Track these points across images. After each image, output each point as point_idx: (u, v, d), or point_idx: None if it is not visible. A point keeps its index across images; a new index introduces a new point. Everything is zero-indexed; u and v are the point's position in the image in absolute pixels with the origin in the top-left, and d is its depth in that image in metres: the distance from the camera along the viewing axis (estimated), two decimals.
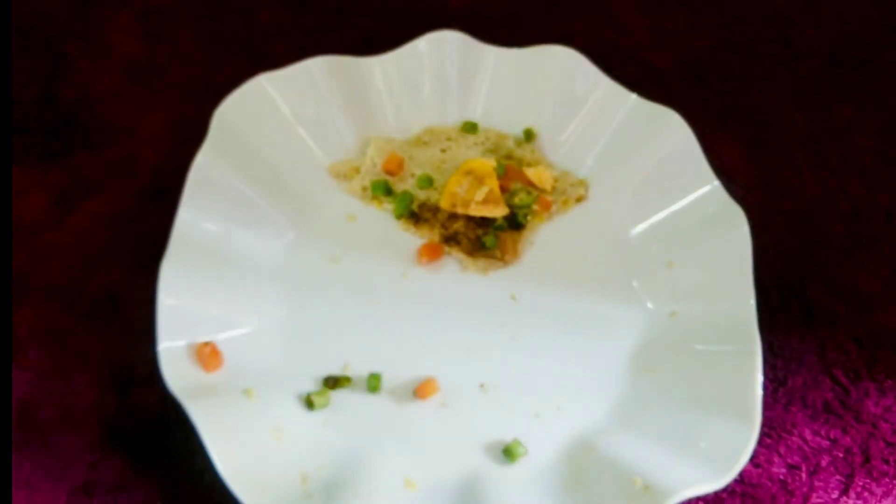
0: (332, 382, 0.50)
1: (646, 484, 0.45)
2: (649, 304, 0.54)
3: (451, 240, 0.55)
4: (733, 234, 0.52)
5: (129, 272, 0.54)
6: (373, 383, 0.50)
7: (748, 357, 0.49)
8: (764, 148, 0.60)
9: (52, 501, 0.46)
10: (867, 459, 0.49)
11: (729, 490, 0.48)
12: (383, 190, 0.57)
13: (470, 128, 0.60)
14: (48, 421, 0.48)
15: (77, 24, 0.63)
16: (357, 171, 0.57)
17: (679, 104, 0.57)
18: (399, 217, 0.56)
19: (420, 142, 0.59)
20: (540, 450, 0.49)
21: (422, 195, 0.57)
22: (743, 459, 0.45)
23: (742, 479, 0.48)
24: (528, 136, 0.60)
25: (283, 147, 0.56)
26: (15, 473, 0.46)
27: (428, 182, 0.57)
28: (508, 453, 0.48)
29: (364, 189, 0.57)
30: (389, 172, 0.57)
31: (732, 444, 0.46)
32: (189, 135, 0.57)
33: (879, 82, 0.63)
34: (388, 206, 0.57)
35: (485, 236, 0.55)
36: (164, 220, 0.55)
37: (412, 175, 0.58)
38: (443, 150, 0.59)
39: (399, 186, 0.57)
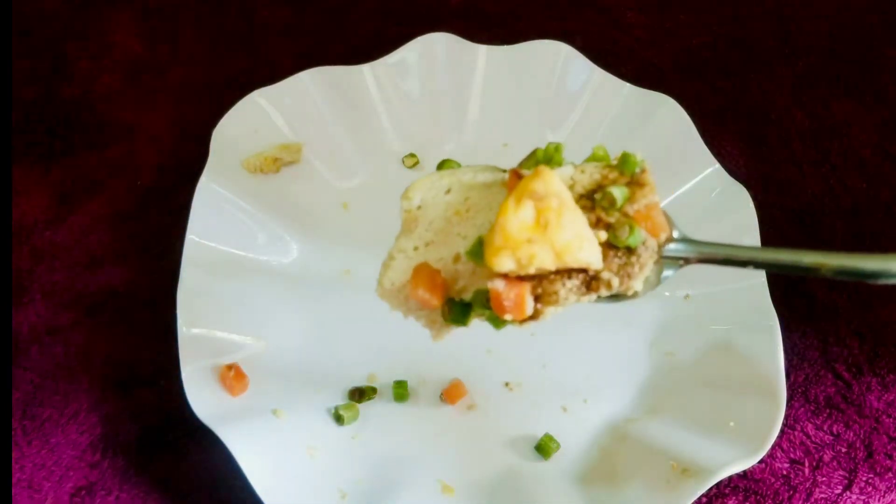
0: (359, 395, 0.49)
1: (683, 468, 0.45)
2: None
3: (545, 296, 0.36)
4: (739, 212, 0.53)
5: (130, 272, 0.54)
6: (399, 392, 0.49)
7: (767, 332, 0.49)
8: (764, 144, 0.60)
9: (54, 502, 0.46)
10: (870, 454, 0.49)
11: (732, 485, 0.48)
12: (460, 311, 0.39)
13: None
14: (48, 421, 0.48)
15: (77, 24, 0.63)
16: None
17: (679, 101, 0.57)
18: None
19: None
20: (572, 443, 0.48)
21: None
22: (774, 433, 0.45)
23: (745, 473, 0.48)
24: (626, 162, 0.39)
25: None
26: (15, 474, 0.46)
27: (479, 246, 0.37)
28: (541, 449, 0.48)
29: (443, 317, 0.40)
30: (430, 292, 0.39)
31: (762, 418, 0.46)
32: (189, 134, 0.57)
33: (879, 77, 0.63)
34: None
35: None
36: (164, 219, 0.55)
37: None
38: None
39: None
